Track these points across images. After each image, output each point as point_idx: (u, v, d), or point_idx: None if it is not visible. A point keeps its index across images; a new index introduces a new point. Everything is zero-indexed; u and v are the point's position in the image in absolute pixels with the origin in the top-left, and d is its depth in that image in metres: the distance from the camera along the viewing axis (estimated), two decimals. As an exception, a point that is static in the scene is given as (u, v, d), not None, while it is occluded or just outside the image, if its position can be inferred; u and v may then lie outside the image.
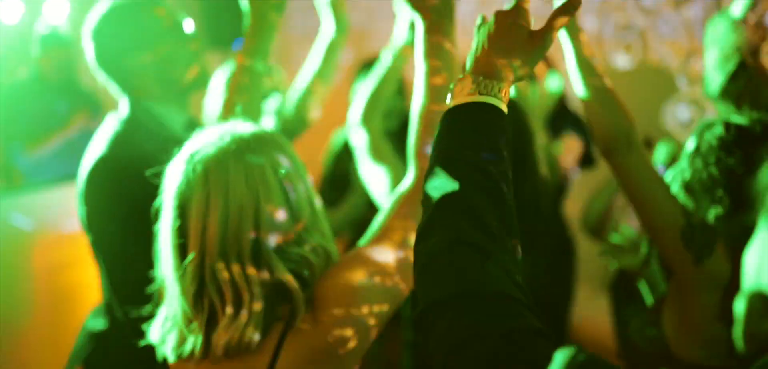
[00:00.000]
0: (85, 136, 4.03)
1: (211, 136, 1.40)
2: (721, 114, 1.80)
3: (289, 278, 1.34)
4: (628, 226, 2.16)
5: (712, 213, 1.62)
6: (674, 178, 1.72)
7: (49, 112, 4.01)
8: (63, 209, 3.49)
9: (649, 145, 2.99)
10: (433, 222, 1.04)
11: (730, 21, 2.08)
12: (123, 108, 2.14)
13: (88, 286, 3.29)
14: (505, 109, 1.12)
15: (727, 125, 1.66)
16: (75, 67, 4.20)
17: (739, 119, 1.68)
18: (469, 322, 0.94)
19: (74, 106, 4.06)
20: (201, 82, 2.22)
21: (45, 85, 4.11)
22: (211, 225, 1.33)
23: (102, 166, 1.99)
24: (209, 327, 1.35)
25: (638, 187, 1.65)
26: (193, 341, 1.36)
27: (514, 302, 0.95)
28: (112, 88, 2.15)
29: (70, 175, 3.73)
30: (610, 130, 1.64)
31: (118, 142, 2.03)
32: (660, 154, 2.90)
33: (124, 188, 1.89)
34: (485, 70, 1.14)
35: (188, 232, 1.35)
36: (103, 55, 2.11)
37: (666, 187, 1.67)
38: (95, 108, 4.14)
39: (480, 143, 1.08)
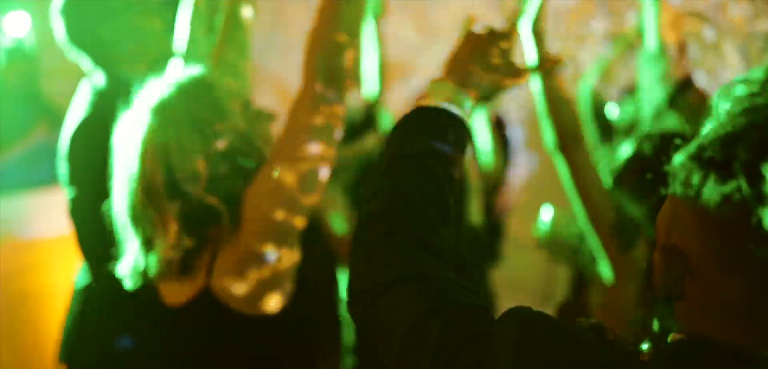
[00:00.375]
0: (46, 146, 4.14)
1: (154, 88, 1.66)
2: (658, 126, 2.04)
3: (216, 202, 1.57)
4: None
5: (639, 211, 1.86)
6: (611, 176, 1.95)
7: (11, 122, 4.10)
8: (23, 216, 3.57)
9: None
10: (385, 211, 1.12)
11: (653, 55, 2.35)
12: (98, 79, 2.19)
13: (46, 293, 3.38)
14: (468, 123, 1.22)
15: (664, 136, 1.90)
16: (38, 79, 4.30)
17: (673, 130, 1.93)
18: (422, 299, 1.02)
19: (36, 116, 4.15)
20: (169, 54, 2.29)
21: (7, 95, 4.20)
22: (148, 162, 1.58)
23: (84, 127, 2.11)
24: (148, 251, 1.59)
25: (581, 179, 1.89)
26: (140, 264, 1.60)
27: (460, 285, 1.05)
28: (85, 63, 2.20)
29: (30, 184, 3.82)
30: (565, 128, 1.91)
31: (96, 107, 2.13)
32: None
33: (102, 148, 1.96)
34: (461, 79, 1.23)
35: (131, 168, 1.60)
36: (74, 30, 2.17)
37: (603, 184, 1.90)
38: (56, 119, 4.23)
39: (443, 149, 1.15)
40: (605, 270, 1.97)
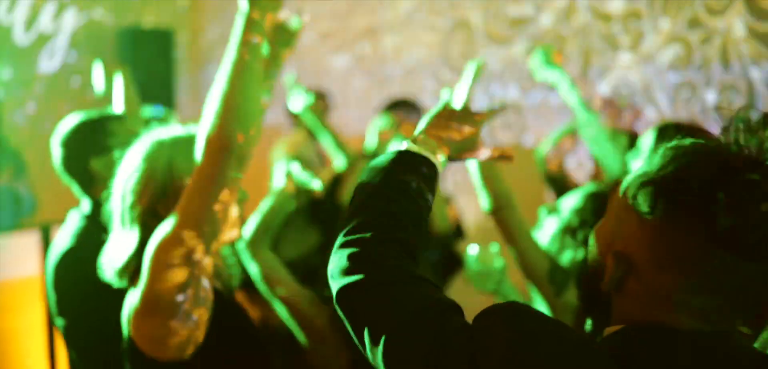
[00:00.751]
0: (9, 191, 4.24)
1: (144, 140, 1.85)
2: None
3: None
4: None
5: (569, 258, 2.07)
6: (559, 224, 2.16)
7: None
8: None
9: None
10: (376, 220, 1.26)
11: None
12: (84, 206, 2.33)
13: (11, 334, 3.45)
14: (439, 168, 1.41)
15: (591, 195, 2.12)
16: (1, 127, 4.41)
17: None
18: (415, 298, 1.14)
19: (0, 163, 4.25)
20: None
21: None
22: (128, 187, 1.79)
23: (68, 257, 2.20)
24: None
25: (515, 237, 2.08)
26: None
27: (434, 286, 1.19)
28: (75, 189, 2.35)
29: (-6, 227, 3.92)
30: (498, 190, 2.09)
31: (81, 236, 2.23)
32: None
33: (87, 276, 2.02)
34: (438, 137, 1.43)
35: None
36: (70, 160, 2.32)
37: (534, 239, 2.10)
38: (19, 166, 4.34)
39: (423, 182, 1.34)
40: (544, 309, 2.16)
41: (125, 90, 2.80)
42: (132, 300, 1.68)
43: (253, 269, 2.32)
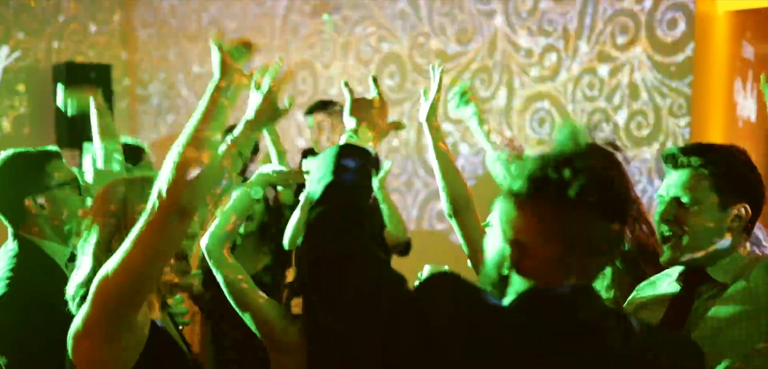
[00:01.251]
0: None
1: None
2: None
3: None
4: None
5: None
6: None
7: None
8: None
9: None
10: (330, 210, 1.47)
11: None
12: (12, 244, 2.28)
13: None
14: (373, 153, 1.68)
15: None
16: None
17: None
18: (376, 271, 1.40)
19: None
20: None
21: None
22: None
23: (2, 301, 2.13)
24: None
25: (473, 236, 2.28)
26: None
27: (386, 261, 1.44)
28: (4, 221, 2.29)
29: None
30: (457, 195, 2.28)
31: (15, 281, 2.17)
32: None
33: (23, 317, 2.03)
34: (369, 123, 1.69)
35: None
36: (2, 194, 2.28)
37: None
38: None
39: (360, 166, 1.58)
40: None
41: (99, 118, 2.85)
42: (76, 321, 1.68)
43: (219, 278, 2.35)
